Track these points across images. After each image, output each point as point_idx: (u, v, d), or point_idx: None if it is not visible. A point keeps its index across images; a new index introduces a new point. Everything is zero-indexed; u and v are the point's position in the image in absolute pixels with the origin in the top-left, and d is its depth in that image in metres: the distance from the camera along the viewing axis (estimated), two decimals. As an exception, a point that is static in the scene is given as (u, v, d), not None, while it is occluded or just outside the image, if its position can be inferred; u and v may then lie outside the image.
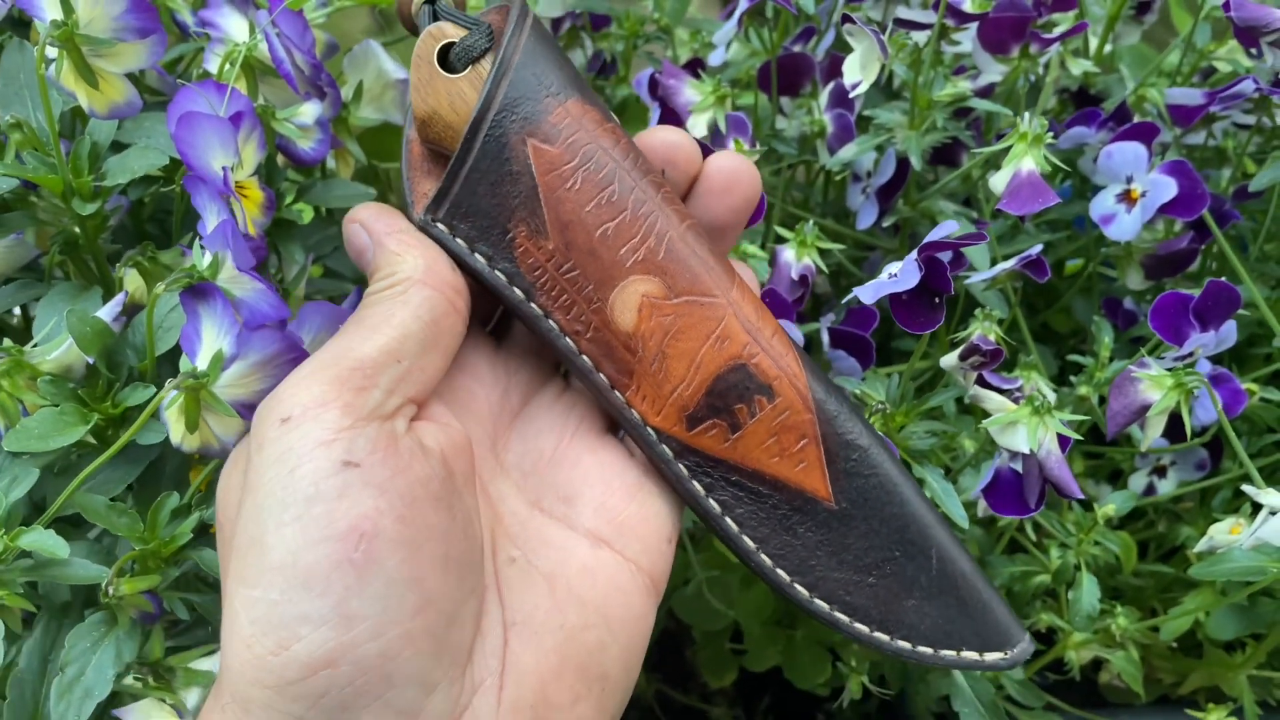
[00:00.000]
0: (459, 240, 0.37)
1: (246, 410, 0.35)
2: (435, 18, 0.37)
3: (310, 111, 0.45)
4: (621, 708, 0.36)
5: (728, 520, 0.38)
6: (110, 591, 0.37)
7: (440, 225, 0.37)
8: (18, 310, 0.53)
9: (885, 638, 0.37)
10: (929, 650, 0.37)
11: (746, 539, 0.38)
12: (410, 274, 0.35)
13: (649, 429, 0.38)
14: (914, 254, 0.42)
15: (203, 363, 0.35)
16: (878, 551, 0.37)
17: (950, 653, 0.37)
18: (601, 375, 0.37)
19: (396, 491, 0.31)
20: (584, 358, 0.37)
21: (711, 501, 0.38)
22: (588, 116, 0.37)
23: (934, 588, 0.37)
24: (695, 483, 0.38)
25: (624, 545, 0.37)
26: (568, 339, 0.37)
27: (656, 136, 0.39)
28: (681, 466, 0.38)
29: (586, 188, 0.36)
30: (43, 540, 0.36)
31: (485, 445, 0.38)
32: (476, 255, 0.37)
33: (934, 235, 0.42)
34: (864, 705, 0.60)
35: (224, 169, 0.37)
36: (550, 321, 0.37)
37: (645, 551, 0.37)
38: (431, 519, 0.32)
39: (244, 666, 0.30)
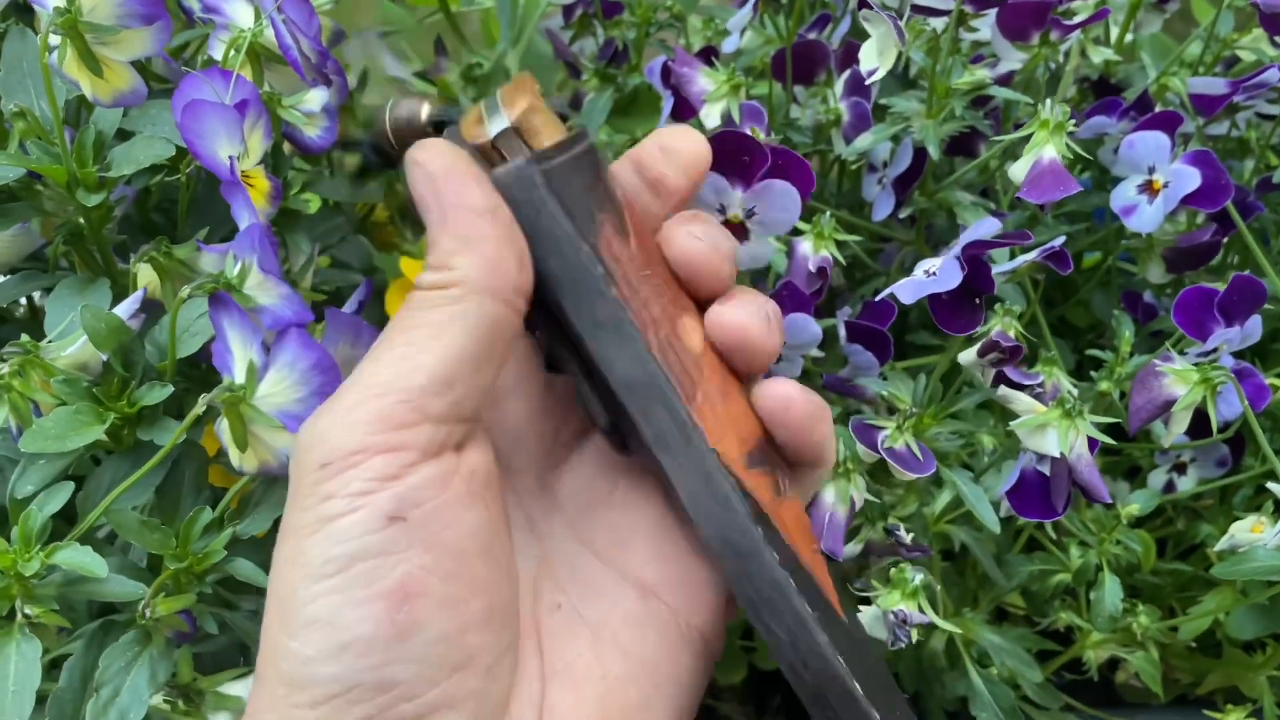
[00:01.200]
0: (552, 194, 0.33)
1: (291, 421, 0.34)
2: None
3: (317, 98, 0.44)
4: None
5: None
6: (148, 614, 0.36)
7: (540, 174, 0.33)
8: (23, 300, 0.52)
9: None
10: None
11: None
12: (467, 276, 0.31)
13: (711, 451, 0.33)
14: (955, 252, 0.41)
15: (239, 376, 0.34)
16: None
17: None
18: (667, 375, 0.34)
19: (444, 546, 0.29)
20: (650, 351, 0.33)
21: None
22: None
23: None
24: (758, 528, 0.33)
25: (675, 599, 0.35)
26: (637, 326, 0.33)
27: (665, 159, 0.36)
28: (737, 501, 0.33)
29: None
30: (78, 558, 0.35)
31: (533, 476, 0.36)
32: (565, 214, 0.33)
33: (975, 233, 0.41)
34: (877, 704, 0.59)
35: (230, 158, 0.36)
36: (628, 313, 0.33)
37: (699, 610, 0.35)
38: (479, 571, 0.30)
39: (279, 713, 0.29)
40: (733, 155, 0.41)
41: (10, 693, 0.34)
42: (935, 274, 0.41)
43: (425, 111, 0.37)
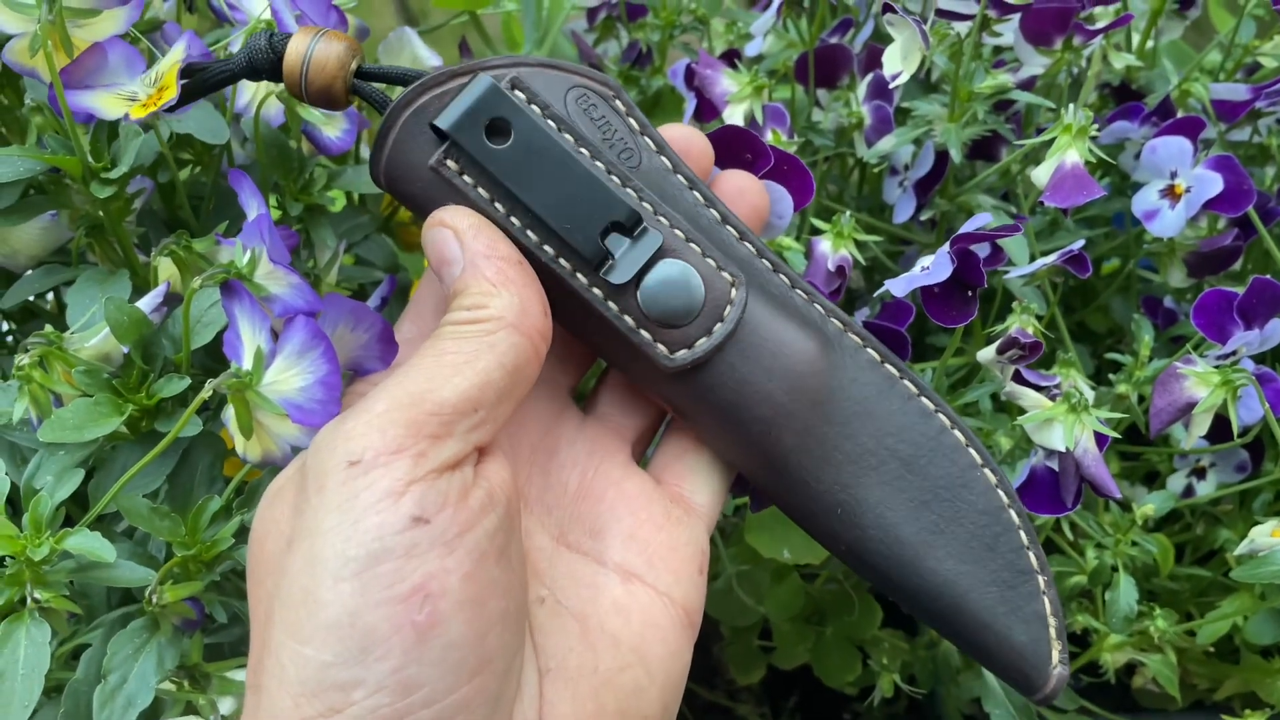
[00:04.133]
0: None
1: (293, 409, 0.34)
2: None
3: None
4: None
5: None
6: (154, 600, 0.36)
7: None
8: (50, 295, 0.53)
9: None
10: None
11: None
12: (502, 314, 0.32)
13: None
14: (947, 246, 0.41)
15: (247, 363, 0.35)
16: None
17: None
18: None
19: (465, 548, 0.29)
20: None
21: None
22: None
23: None
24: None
25: (656, 578, 0.36)
26: None
27: (669, 133, 0.38)
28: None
29: None
30: (88, 543, 0.35)
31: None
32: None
33: (966, 227, 0.42)
34: (892, 705, 0.59)
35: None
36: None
37: (678, 583, 0.36)
38: (495, 573, 0.30)
39: None
40: (735, 151, 0.42)
41: (20, 676, 0.34)
42: (929, 268, 0.42)
43: (355, 63, 0.36)
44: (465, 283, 0.33)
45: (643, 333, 0.36)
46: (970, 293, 0.42)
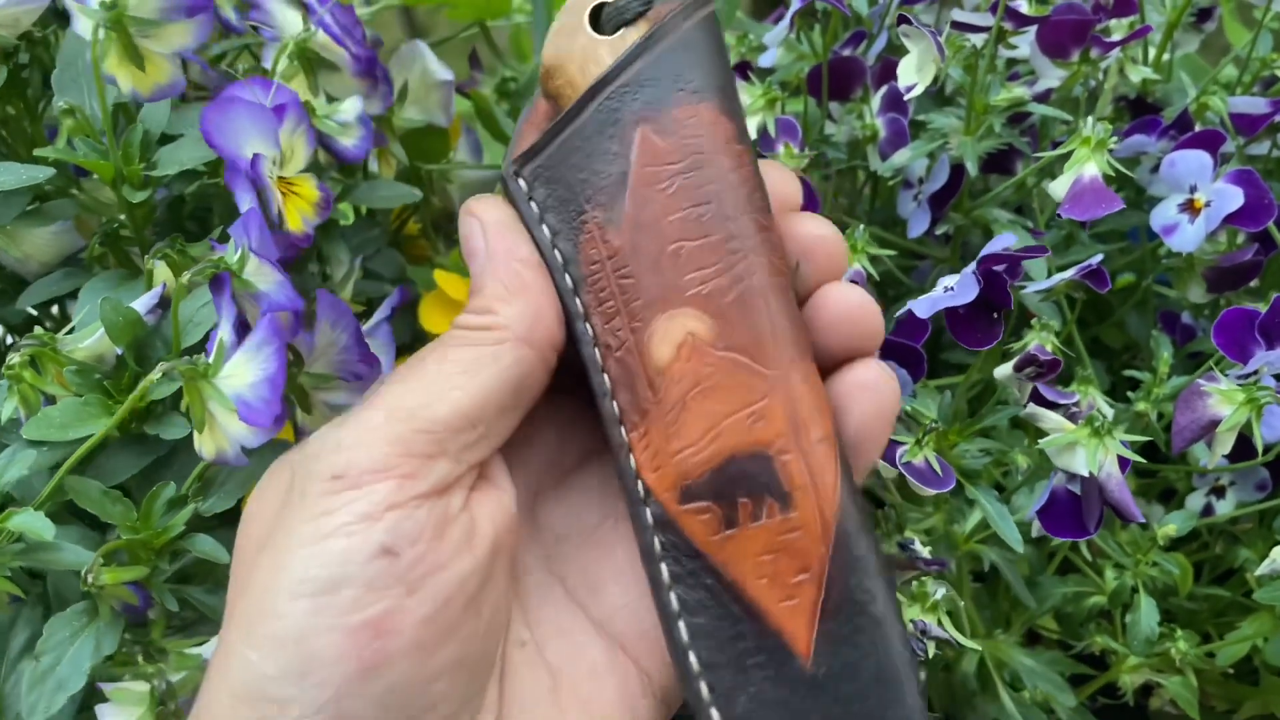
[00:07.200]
0: (532, 204, 0.33)
1: (241, 405, 0.34)
2: None
3: (352, 108, 0.44)
4: None
5: (681, 624, 0.31)
6: (90, 580, 0.35)
7: (521, 181, 0.33)
8: (55, 307, 0.52)
9: None
10: None
11: (692, 657, 0.31)
12: (510, 324, 0.31)
13: (639, 481, 0.32)
14: (972, 267, 0.40)
15: (213, 355, 0.34)
16: None
17: None
18: (614, 402, 0.32)
19: (429, 592, 0.28)
20: (604, 375, 0.32)
21: (673, 595, 0.32)
22: (719, 127, 0.32)
23: None
24: (663, 565, 0.32)
25: (640, 654, 0.33)
26: (596, 349, 0.33)
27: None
28: (656, 539, 0.32)
29: (679, 196, 0.32)
30: (30, 522, 0.34)
31: (525, 499, 0.35)
32: (544, 226, 0.33)
33: (992, 247, 0.41)
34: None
35: (256, 155, 0.36)
36: (587, 324, 0.33)
37: (664, 668, 0.33)
38: (458, 620, 0.29)
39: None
40: None
41: None
42: (953, 289, 0.41)
43: None
44: (482, 281, 0.32)
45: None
46: (996, 314, 0.41)
